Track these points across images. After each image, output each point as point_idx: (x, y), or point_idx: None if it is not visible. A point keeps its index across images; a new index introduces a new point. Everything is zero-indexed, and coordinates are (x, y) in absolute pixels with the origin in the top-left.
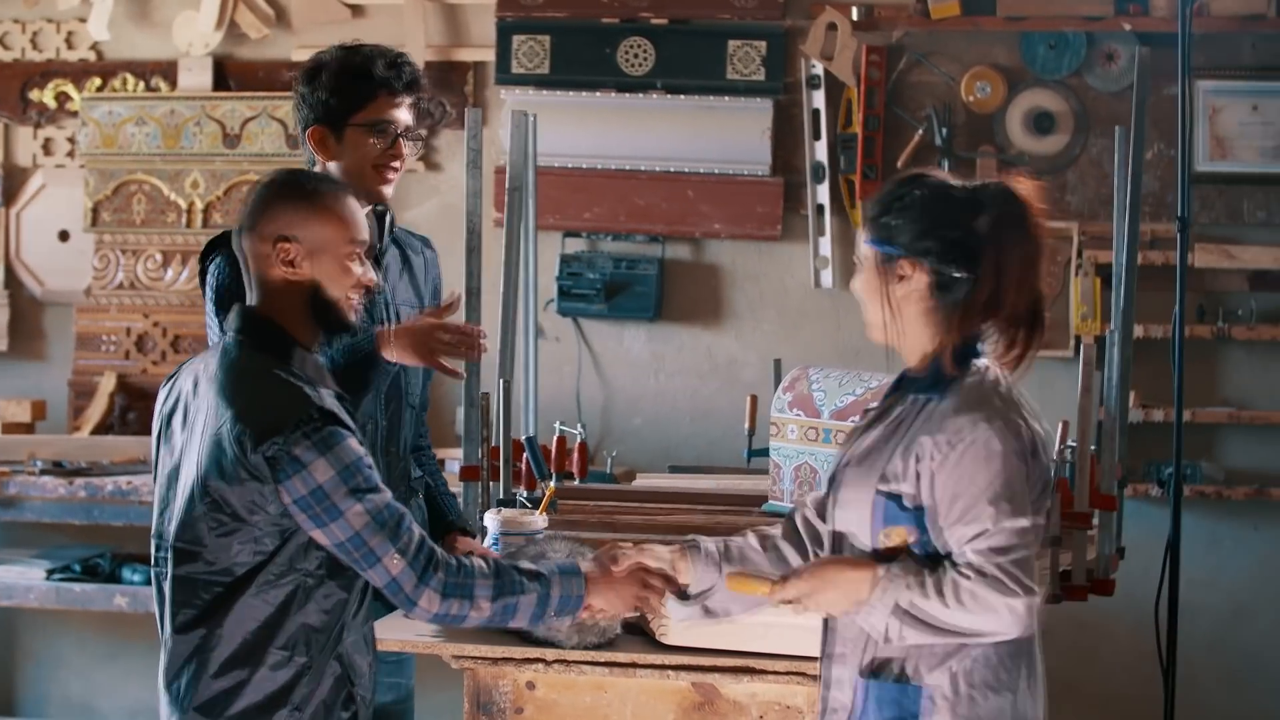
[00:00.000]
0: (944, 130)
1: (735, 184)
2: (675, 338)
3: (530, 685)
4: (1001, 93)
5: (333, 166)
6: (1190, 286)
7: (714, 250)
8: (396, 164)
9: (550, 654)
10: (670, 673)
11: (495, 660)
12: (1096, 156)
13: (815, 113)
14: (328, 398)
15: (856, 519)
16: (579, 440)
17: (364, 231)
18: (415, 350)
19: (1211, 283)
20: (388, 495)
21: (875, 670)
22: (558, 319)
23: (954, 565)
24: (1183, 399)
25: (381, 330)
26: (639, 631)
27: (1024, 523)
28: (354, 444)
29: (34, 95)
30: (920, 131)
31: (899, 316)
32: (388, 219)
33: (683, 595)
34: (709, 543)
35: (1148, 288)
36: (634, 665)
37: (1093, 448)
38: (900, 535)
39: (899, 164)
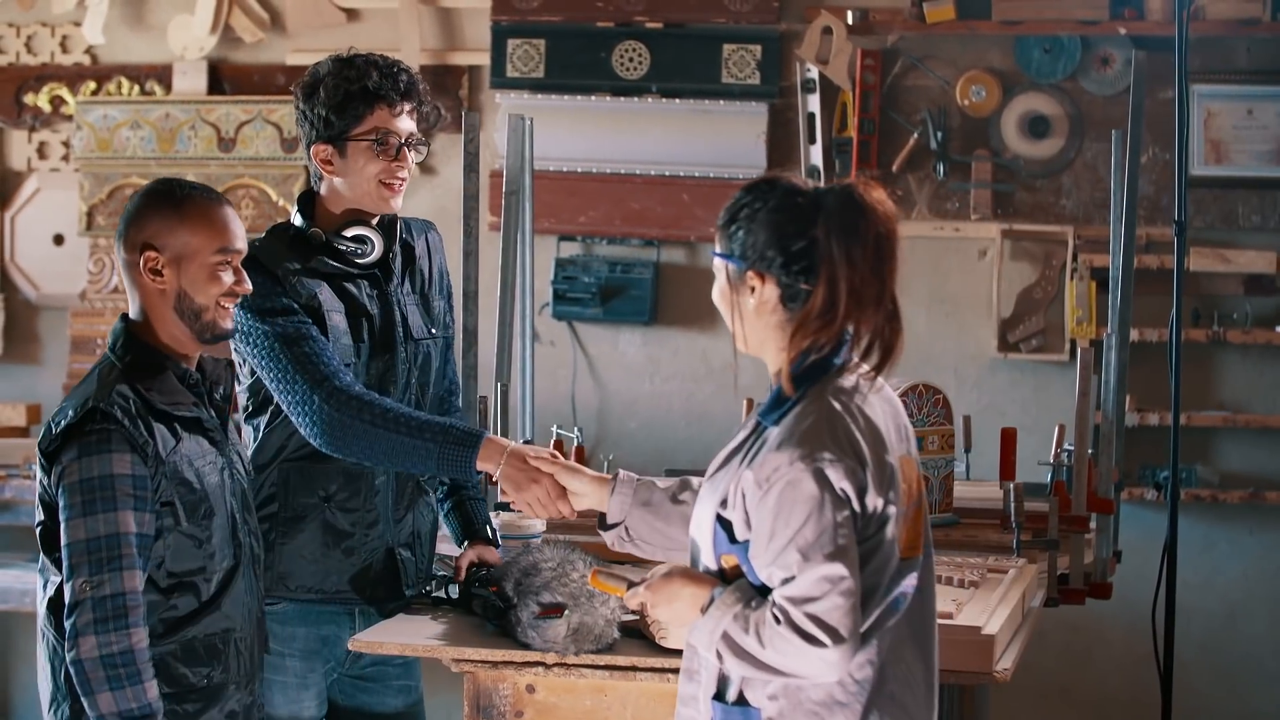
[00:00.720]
0: (939, 134)
1: (730, 188)
2: (670, 341)
3: (530, 688)
4: (996, 96)
5: (339, 183)
6: (1185, 290)
7: (709, 254)
8: (402, 174)
9: (550, 657)
10: (670, 676)
11: (495, 664)
12: (1091, 160)
13: (810, 116)
14: (119, 406)
15: (701, 537)
16: (576, 444)
17: (236, 240)
18: (512, 480)
19: (1207, 286)
20: (122, 529)
21: (719, 690)
22: (553, 323)
23: (772, 604)
24: (1180, 403)
25: (492, 440)
26: (639, 635)
27: (836, 570)
28: (119, 461)
29: (29, 99)
30: (915, 135)
31: (754, 329)
32: (398, 226)
33: (602, 523)
34: (629, 478)
35: (1143, 291)
36: (634, 668)
37: (1090, 452)
38: (733, 562)
39: (894, 168)
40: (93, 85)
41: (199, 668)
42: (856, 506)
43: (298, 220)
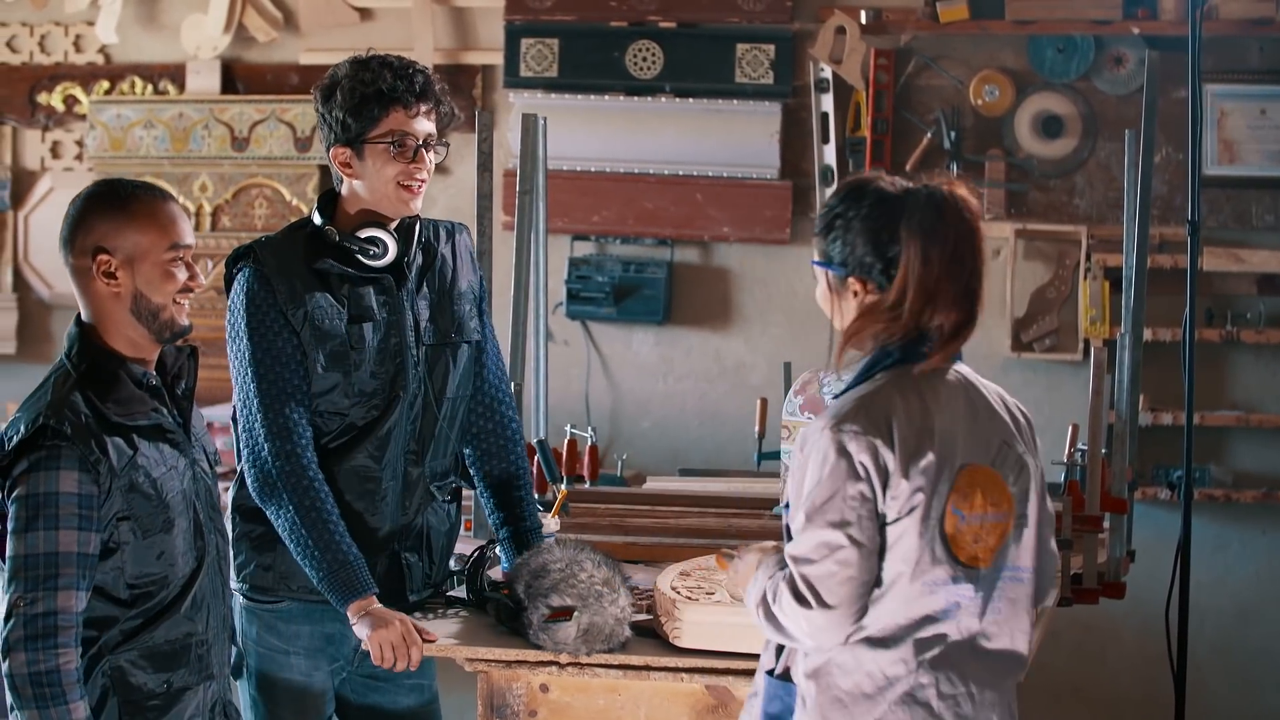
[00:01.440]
0: (952, 134)
1: (744, 187)
2: (684, 341)
3: (544, 688)
4: (1010, 96)
5: (358, 185)
6: (1199, 290)
7: (722, 253)
8: (421, 176)
9: (564, 657)
10: (684, 675)
11: (509, 663)
12: (1105, 160)
13: (824, 116)
14: (70, 422)
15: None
16: (590, 443)
17: (186, 235)
18: (370, 620)
19: (1220, 286)
20: (62, 549)
21: (773, 665)
22: (566, 322)
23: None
24: (1193, 402)
25: (372, 599)
26: (652, 634)
27: (835, 538)
28: (67, 479)
29: (42, 98)
30: (929, 135)
31: (861, 328)
32: (416, 229)
33: None
34: None
35: (1156, 291)
36: (647, 668)
37: (1103, 451)
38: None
39: (908, 167)
40: (106, 85)
41: (160, 673)
42: (876, 484)
43: (316, 219)
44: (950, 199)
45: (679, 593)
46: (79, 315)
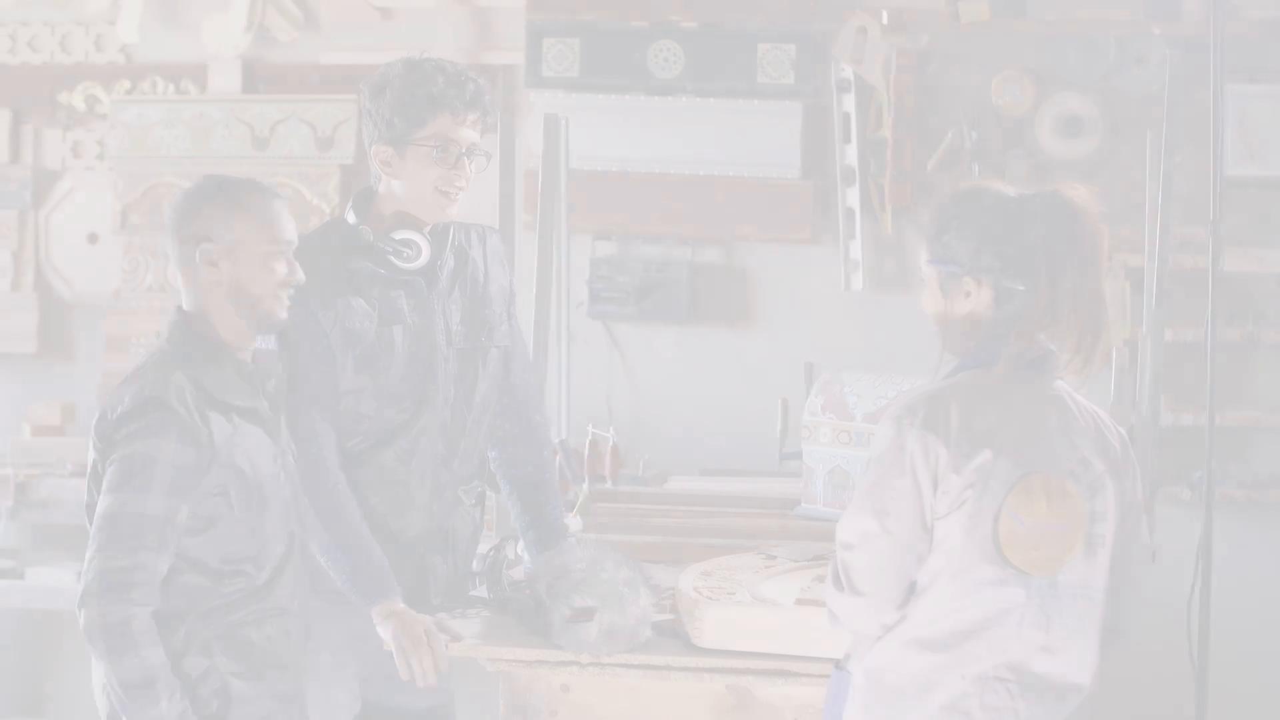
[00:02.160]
0: (974, 134)
1: (765, 187)
2: (705, 341)
3: (565, 688)
4: (1031, 96)
5: (396, 185)
6: (1220, 290)
7: (744, 254)
8: (460, 184)
9: (585, 657)
10: (705, 675)
11: (530, 663)
12: (1126, 160)
13: (845, 116)
14: (175, 395)
15: None
16: (611, 443)
17: (287, 230)
18: (394, 623)
19: (1242, 286)
20: (149, 511)
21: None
22: (588, 322)
23: None
24: (1215, 403)
25: (395, 601)
26: (674, 634)
27: (871, 525)
28: (165, 447)
29: (63, 98)
30: (950, 135)
31: (961, 330)
32: (450, 233)
33: None
34: None
35: (1178, 291)
36: (669, 668)
37: None
38: None
39: (929, 167)
40: (127, 84)
41: (259, 648)
42: (925, 480)
43: (351, 217)
44: (1077, 202)
45: (700, 592)
46: (179, 305)
